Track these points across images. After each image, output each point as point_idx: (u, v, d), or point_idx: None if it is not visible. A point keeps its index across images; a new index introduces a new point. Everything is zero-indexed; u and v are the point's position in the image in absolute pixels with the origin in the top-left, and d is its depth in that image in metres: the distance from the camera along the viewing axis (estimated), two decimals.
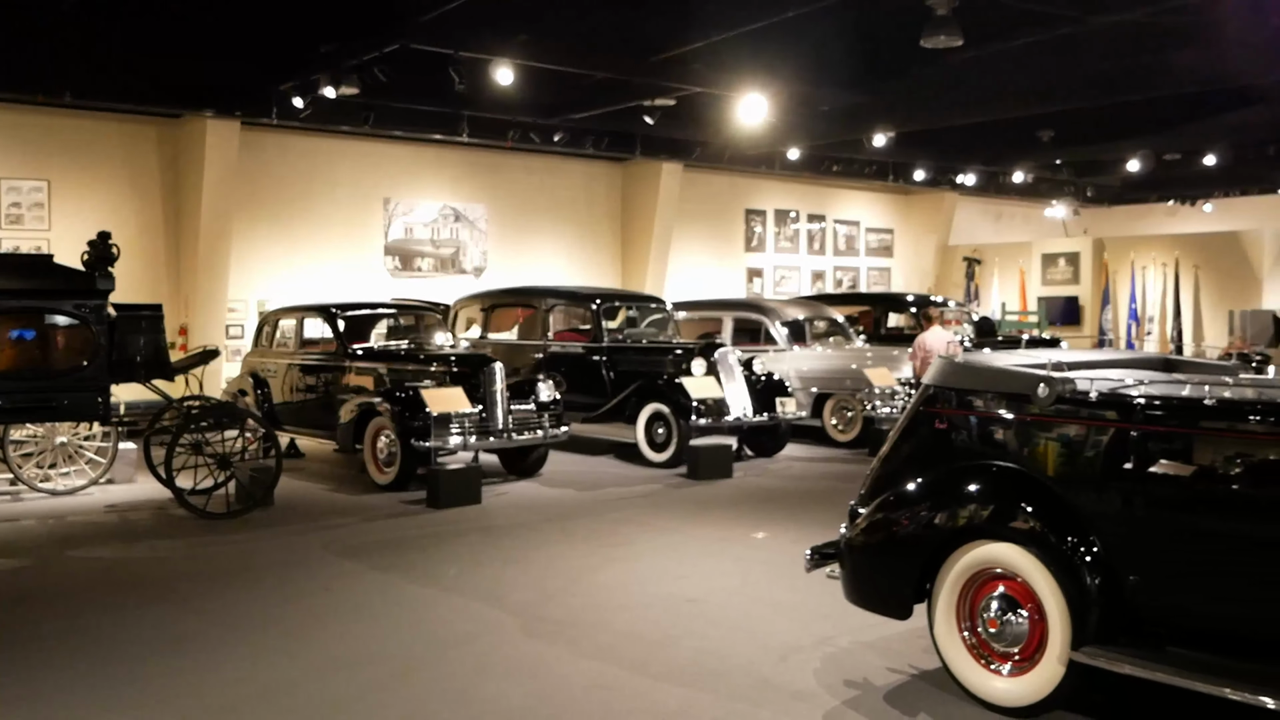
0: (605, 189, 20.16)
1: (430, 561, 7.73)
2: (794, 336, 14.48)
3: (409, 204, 17.75)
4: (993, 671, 4.84)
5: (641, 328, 13.94)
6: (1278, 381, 5.64)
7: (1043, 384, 4.75)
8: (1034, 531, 4.69)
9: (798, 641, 5.84)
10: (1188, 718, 4.71)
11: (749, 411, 12.17)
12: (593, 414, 12.58)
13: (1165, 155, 20.28)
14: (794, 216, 22.90)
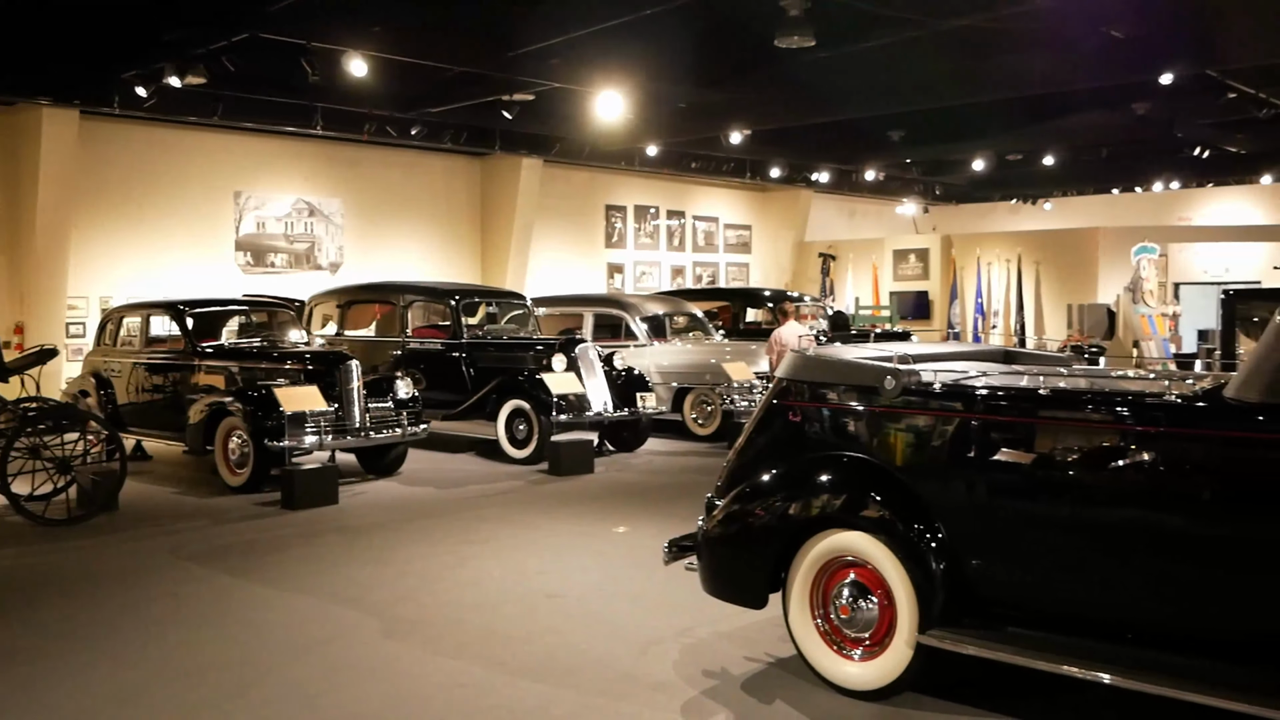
0: (464, 184, 19.98)
1: (284, 564, 7.55)
2: (654, 332, 14.59)
3: (261, 197, 17.29)
4: (845, 657, 4.97)
5: (502, 324, 13.87)
6: (1109, 372, 5.93)
7: (889, 376, 4.90)
8: (882, 520, 4.82)
9: (657, 634, 5.89)
10: (1029, 694, 4.90)
11: (610, 407, 12.22)
12: (453, 411, 12.46)
13: (1008, 156, 21.11)
14: (654, 213, 23.07)
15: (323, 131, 16.28)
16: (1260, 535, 4.05)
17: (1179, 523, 4.24)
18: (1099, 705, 4.83)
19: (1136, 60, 11.57)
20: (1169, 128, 17.41)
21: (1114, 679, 4.17)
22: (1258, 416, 4.05)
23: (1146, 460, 4.27)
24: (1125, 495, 4.38)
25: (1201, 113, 16.16)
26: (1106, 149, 20.47)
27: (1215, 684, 4.00)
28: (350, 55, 12.28)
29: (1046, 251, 22.13)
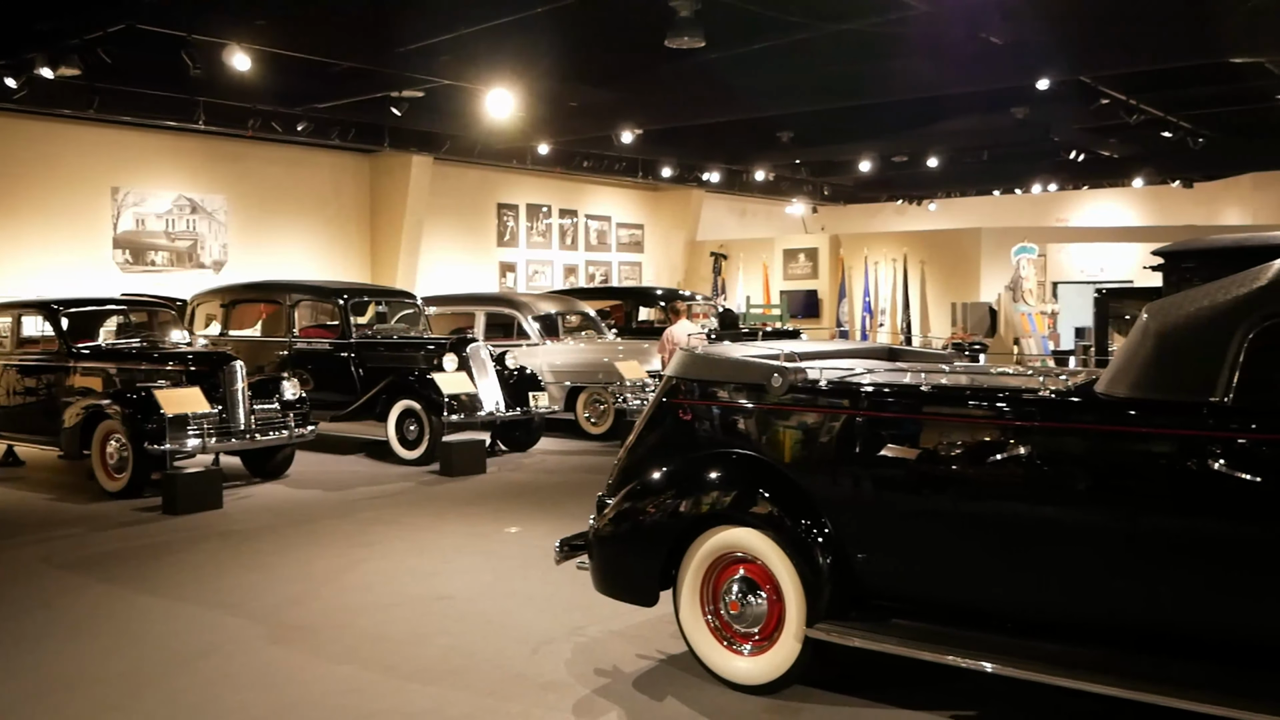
0: (353, 181, 19.67)
1: (165, 571, 7.34)
2: (546, 331, 14.56)
3: (140, 194, 16.78)
4: (735, 652, 5.02)
5: (391, 323, 13.69)
6: (989, 368, 6.11)
7: (776, 374, 4.97)
8: (771, 516, 4.89)
9: (549, 633, 5.88)
10: (915, 684, 5.01)
11: (502, 406, 12.16)
12: (341, 412, 12.27)
13: (893, 158, 21.57)
14: (546, 211, 23.01)
15: (205, 126, 15.87)
16: (1130, 524, 4.21)
17: (1055, 513, 4.39)
18: (982, 693, 4.96)
19: (1013, 66, 11.92)
20: (1046, 132, 17.97)
21: (995, 667, 4.29)
22: (1127, 411, 4.21)
23: (1023, 454, 4.40)
24: (1003, 488, 4.51)
25: (1076, 118, 16.71)
26: (987, 152, 21.04)
27: (1091, 670, 4.14)
28: (233, 49, 11.99)
29: (931, 251, 22.67)
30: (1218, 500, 4.03)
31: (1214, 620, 4.09)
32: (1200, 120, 17.30)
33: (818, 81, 13.70)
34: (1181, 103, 15.96)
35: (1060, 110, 16.05)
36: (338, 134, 17.36)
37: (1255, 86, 14.22)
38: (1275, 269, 4.07)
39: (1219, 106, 16.45)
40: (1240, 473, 3.94)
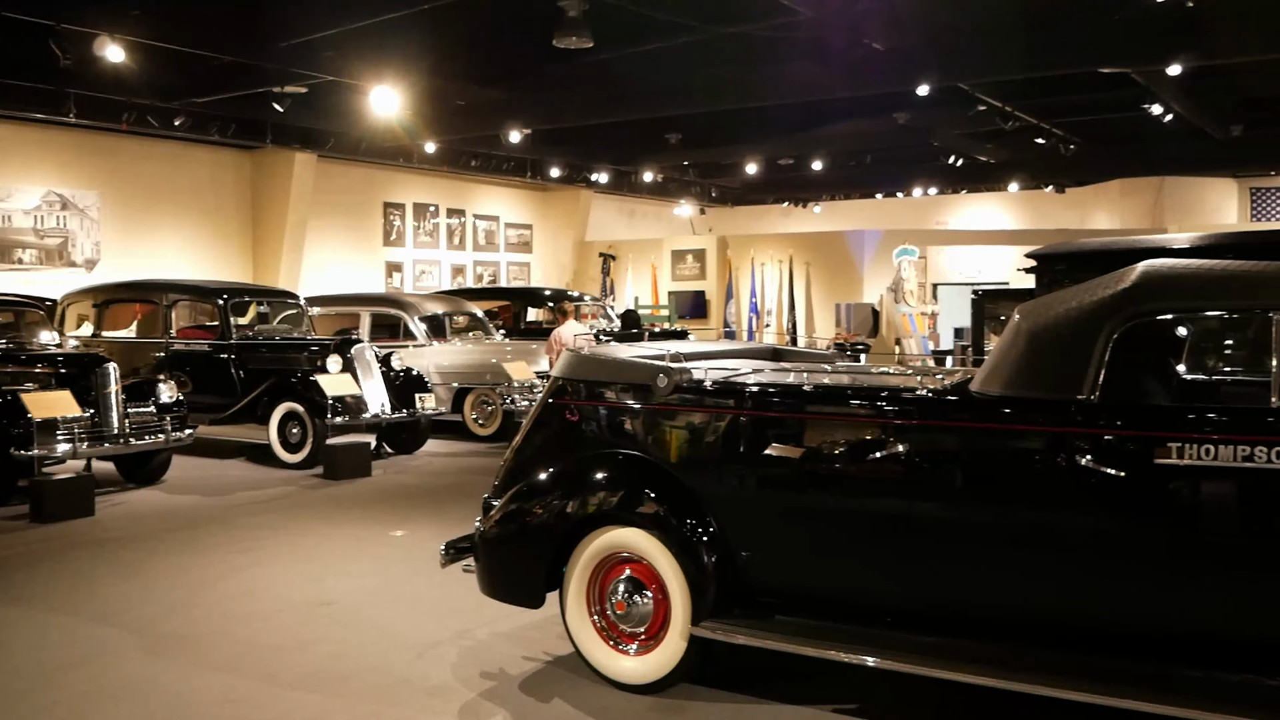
0: (234, 178, 19.19)
1: (34, 581, 7.07)
2: (434, 331, 14.41)
3: (6, 189, 16.11)
4: (621, 652, 5.03)
5: (274, 324, 13.40)
6: (870, 367, 6.23)
7: (661, 374, 5.00)
8: (656, 516, 4.92)
9: (435, 638, 5.82)
10: (800, 678, 5.09)
11: (387, 408, 11.99)
12: (221, 415, 11.97)
13: (780, 160, 21.87)
14: (434, 211, 22.77)
15: (76, 120, 15.32)
16: (1004, 519, 4.34)
17: (933, 509, 4.49)
18: (865, 686, 5.06)
19: (894, 72, 12.19)
20: (927, 137, 18.41)
21: (877, 661, 4.38)
22: (999, 408, 4.34)
23: (901, 451, 4.50)
24: (884, 485, 4.61)
25: (955, 123, 17.17)
26: (870, 155, 21.48)
27: (970, 661, 4.26)
28: (104, 39, 11.60)
29: (816, 253, 23.04)
30: (1086, 494, 4.17)
31: (1085, 610, 4.24)
32: (1072, 128, 17.92)
33: (705, 84, 13.82)
34: (1054, 111, 16.51)
35: (940, 116, 16.47)
36: (217, 130, 16.92)
37: (1123, 96, 14.77)
38: (1138, 272, 4.24)
39: (1089, 115, 17.06)
40: (1106, 467, 4.09)
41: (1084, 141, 18.84)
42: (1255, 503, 3.99)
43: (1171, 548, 4.10)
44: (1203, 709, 3.82)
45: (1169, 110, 15.22)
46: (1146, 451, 4.04)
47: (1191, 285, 4.21)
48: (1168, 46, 10.65)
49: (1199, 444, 3.94)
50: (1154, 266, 4.27)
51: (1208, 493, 4.04)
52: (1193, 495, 4.06)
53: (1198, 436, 3.95)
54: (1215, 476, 3.97)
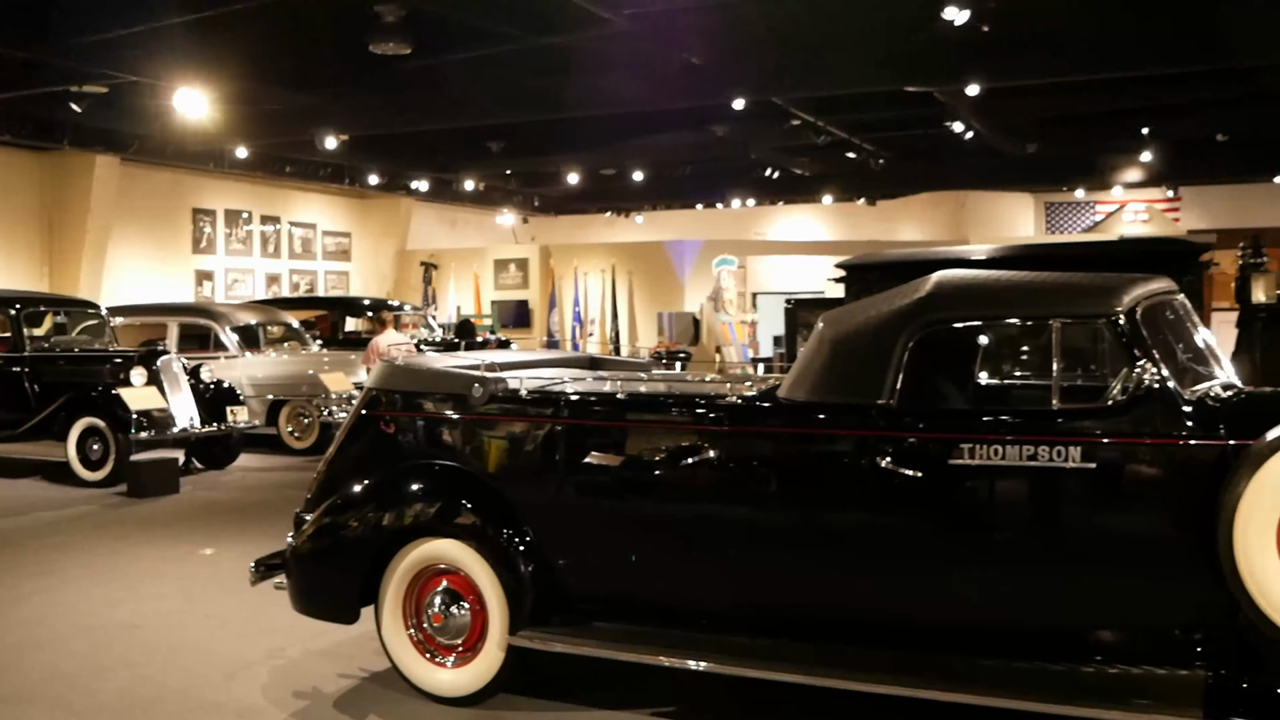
0: (26, 182, 18.12)
1: None
2: (246, 342, 13.96)
3: None
4: (438, 664, 4.98)
5: (72, 335, 12.75)
6: (685, 375, 6.35)
7: (477, 384, 4.98)
8: (473, 526, 4.89)
9: (245, 658, 5.64)
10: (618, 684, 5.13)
11: (196, 422, 11.56)
12: (14, 432, 11.32)
13: (602, 170, 22.03)
14: (247, 217, 22.06)
15: None
16: (813, 520, 4.49)
17: (745, 513, 4.61)
18: (684, 690, 5.13)
19: (711, 86, 12.46)
20: (744, 150, 18.85)
21: (694, 664, 4.46)
22: (805, 413, 4.49)
23: (713, 456, 4.61)
24: (697, 490, 4.71)
25: (771, 137, 17.63)
26: (690, 167, 21.84)
27: (783, 659, 4.38)
28: None
29: (638, 262, 23.29)
30: (888, 495, 4.35)
31: (894, 606, 4.42)
32: (880, 143, 18.63)
33: (525, 93, 13.82)
34: (863, 126, 17.14)
35: (756, 129, 16.88)
36: (8, 130, 15.98)
37: (927, 114, 15.45)
38: (932, 282, 4.45)
39: (896, 131, 17.77)
40: (905, 469, 4.27)
41: (892, 156, 19.61)
42: (1040, 498, 4.24)
43: (967, 543, 4.32)
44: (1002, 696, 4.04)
45: (969, 128, 15.98)
46: (941, 453, 4.25)
47: (981, 295, 4.45)
48: (965, 68, 11.22)
49: (989, 445, 4.16)
50: (946, 277, 4.50)
51: (998, 490, 4.27)
52: (984, 493, 4.29)
53: (987, 438, 4.17)
54: (1004, 475, 4.20)
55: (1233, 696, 3.94)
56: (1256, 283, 8.50)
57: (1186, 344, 4.48)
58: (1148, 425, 4.10)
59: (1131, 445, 4.12)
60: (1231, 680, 4.00)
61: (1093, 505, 4.18)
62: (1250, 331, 8.60)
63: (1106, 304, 4.22)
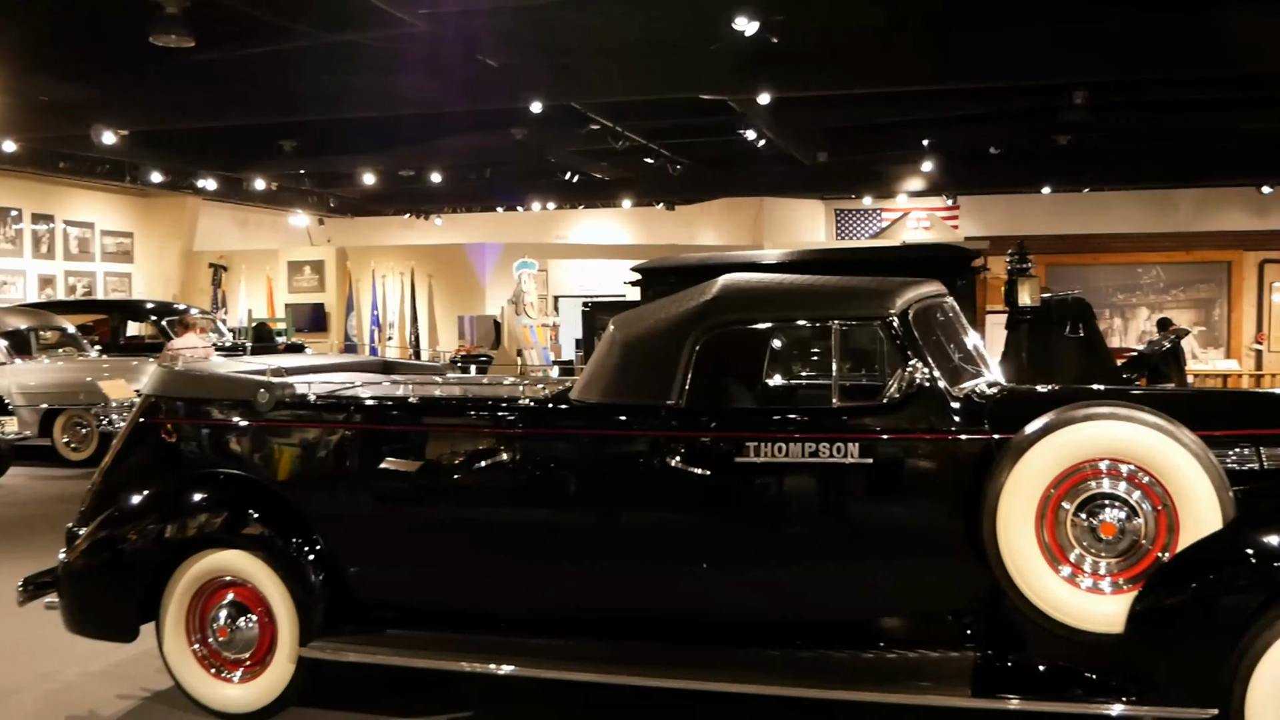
0: None
1: None
2: (16, 348, 13.14)
3: None
4: (225, 680, 4.83)
5: None
6: (480, 378, 6.33)
7: (262, 389, 4.85)
8: (260, 536, 4.77)
9: (14, 684, 5.33)
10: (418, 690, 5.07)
11: None
12: None
13: (400, 171, 21.64)
14: (16, 216, 20.72)
15: None
16: (607, 520, 4.55)
17: (540, 515, 4.64)
18: (482, 694, 5.11)
19: (508, 89, 12.41)
20: (543, 153, 18.86)
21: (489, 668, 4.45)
22: (596, 415, 4.55)
23: (506, 459, 4.62)
24: (491, 493, 4.71)
25: (570, 141, 17.69)
26: (490, 169, 21.70)
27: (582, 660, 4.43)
28: None
29: (438, 265, 23.03)
30: (679, 494, 4.46)
31: (691, 602, 4.53)
32: (678, 149, 18.95)
33: (318, 91, 13.45)
34: (661, 133, 17.40)
35: (555, 133, 16.91)
36: None
37: (722, 121, 15.81)
38: (719, 285, 4.58)
39: (693, 138, 18.12)
40: (694, 468, 4.39)
41: (690, 163, 19.97)
42: (822, 493, 4.42)
43: (755, 539, 4.46)
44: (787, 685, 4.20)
45: (762, 136, 16.42)
46: (729, 451, 4.38)
47: (764, 298, 4.61)
48: (755, 78, 11.53)
49: (773, 443, 4.32)
50: (732, 281, 4.64)
51: (783, 486, 4.43)
52: (770, 490, 4.44)
53: (771, 436, 4.32)
54: (788, 471, 4.36)
55: (999, 674, 4.21)
56: (1023, 287, 9.06)
57: (956, 344, 4.76)
58: (920, 421, 4.33)
59: (905, 440, 4.34)
60: (998, 659, 4.26)
61: (871, 498, 4.39)
62: (1018, 333, 9.17)
63: (881, 307, 4.44)
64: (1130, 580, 4.04)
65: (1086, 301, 9.91)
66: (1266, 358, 18.19)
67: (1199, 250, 18.82)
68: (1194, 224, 22.31)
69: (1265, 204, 22.45)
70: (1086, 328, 9.48)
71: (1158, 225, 22.06)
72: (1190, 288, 18.95)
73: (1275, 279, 18.18)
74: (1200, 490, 3.96)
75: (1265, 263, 18.23)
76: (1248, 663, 3.83)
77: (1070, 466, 4.06)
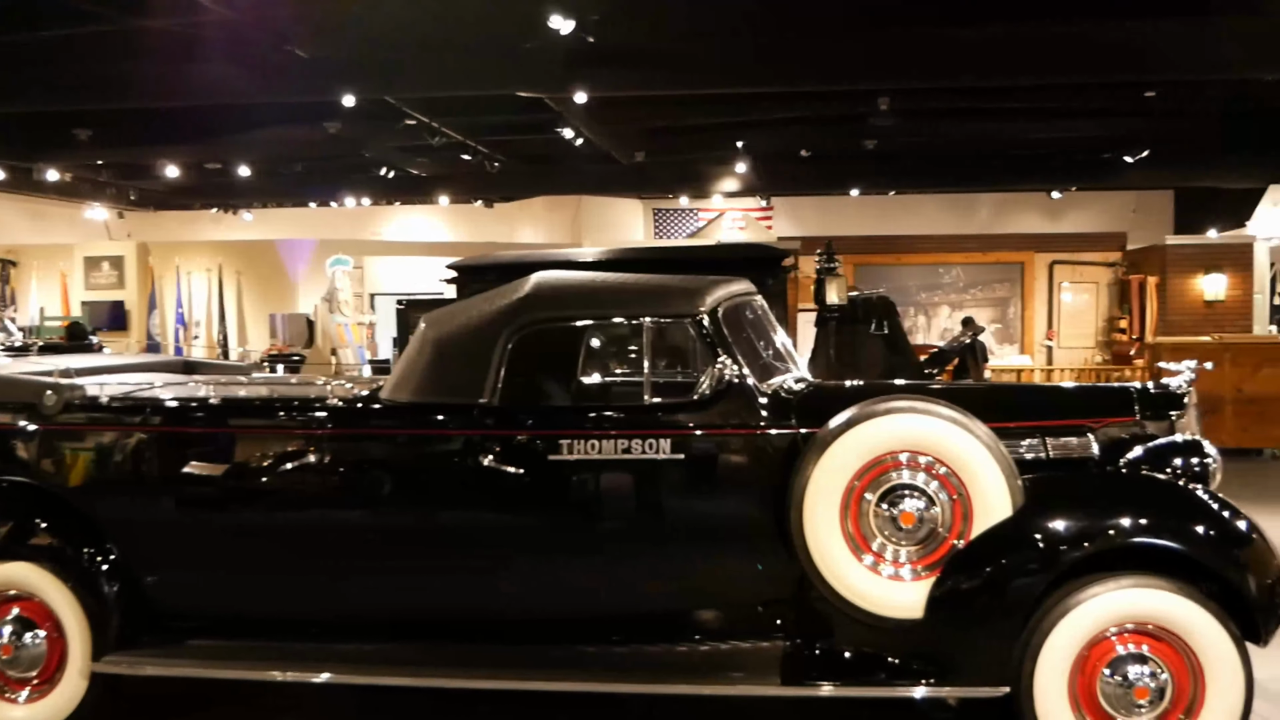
0: None
1: None
2: None
3: None
4: (9, 701, 4.57)
5: None
6: (288, 378, 6.15)
7: (50, 391, 4.59)
8: (49, 548, 4.54)
9: None
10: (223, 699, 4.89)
11: None
12: None
13: (206, 164, 20.81)
14: None
15: None
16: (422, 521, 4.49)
17: (351, 517, 4.54)
18: (287, 701, 4.97)
19: (319, 81, 12.05)
20: (358, 147, 18.43)
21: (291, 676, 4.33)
22: (409, 414, 4.48)
23: (315, 461, 4.50)
24: (299, 496, 4.58)
25: (386, 136, 17.34)
26: (302, 164, 21.09)
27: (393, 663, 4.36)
28: None
29: (248, 261, 22.26)
30: (495, 493, 4.44)
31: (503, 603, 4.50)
32: (496, 146, 18.82)
33: (114, 79, 12.78)
34: (479, 129, 17.25)
35: (371, 128, 16.55)
36: None
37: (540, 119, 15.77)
38: (531, 282, 4.57)
39: (511, 135, 18.02)
40: (508, 466, 4.37)
41: (508, 160, 19.86)
42: (636, 489, 4.47)
43: (571, 536, 4.48)
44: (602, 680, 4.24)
45: (580, 135, 16.46)
46: (543, 449, 4.38)
47: (576, 296, 4.62)
48: (571, 77, 11.52)
49: (585, 440, 4.34)
50: (544, 278, 4.64)
51: (597, 483, 4.46)
52: (585, 487, 4.46)
53: (584, 433, 4.34)
54: (602, 468, 4.39)
55: (807, 662, 4.34)
56: (831, 286, 9.36)
57: (765, 341, 4.88)
58: (730, 417, 4.42)
59: (716, 436, 4.43)
60: (806, 648, 4.39)
61: (683, 493, 4.45)
62: (825, 330, 9.47)
63: (691, 304, 4.51)
64: (928, 567, 4.22)
65: (890, 300, 10.31)
66: (1056, 353, 19.29)
67: (996, 251, 19.83)
68: (992, 226, 23.53)
69: (1055, 208, 23.87)
70: (890, 325, 9.86)
71: (959, 227, 23.17)
72: (988, 287, 19.94)
73: (1064, 279, 19.32)
74: (991, 479, 4.16)
75: (1055, 264, 19.35)
76: (1036, 641, 4.05)
77: (872, 459, 4.21)
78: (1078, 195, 23.55)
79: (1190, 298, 16.66)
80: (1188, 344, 13.68)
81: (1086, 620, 4.02)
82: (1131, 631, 4.04)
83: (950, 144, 18.42)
